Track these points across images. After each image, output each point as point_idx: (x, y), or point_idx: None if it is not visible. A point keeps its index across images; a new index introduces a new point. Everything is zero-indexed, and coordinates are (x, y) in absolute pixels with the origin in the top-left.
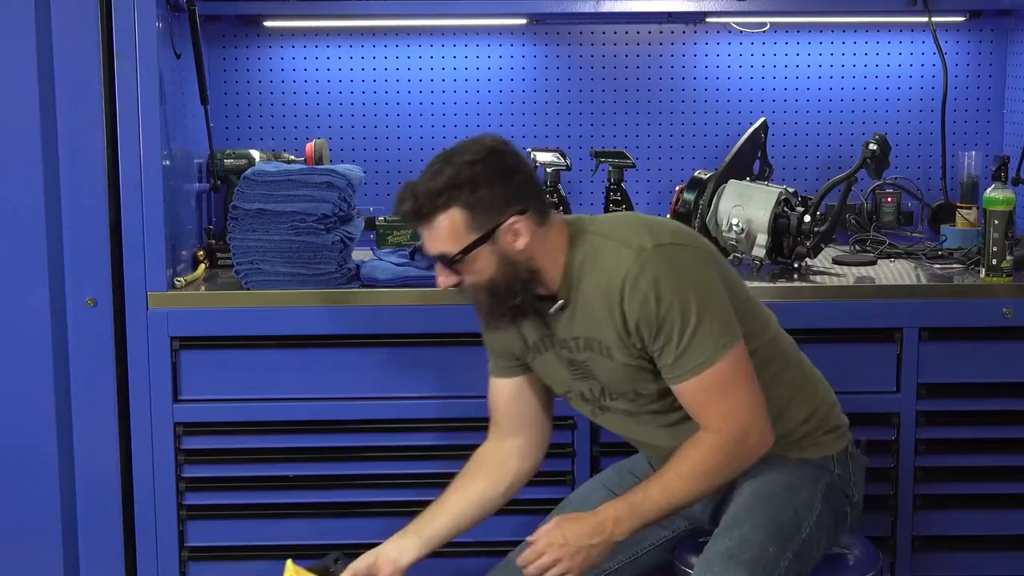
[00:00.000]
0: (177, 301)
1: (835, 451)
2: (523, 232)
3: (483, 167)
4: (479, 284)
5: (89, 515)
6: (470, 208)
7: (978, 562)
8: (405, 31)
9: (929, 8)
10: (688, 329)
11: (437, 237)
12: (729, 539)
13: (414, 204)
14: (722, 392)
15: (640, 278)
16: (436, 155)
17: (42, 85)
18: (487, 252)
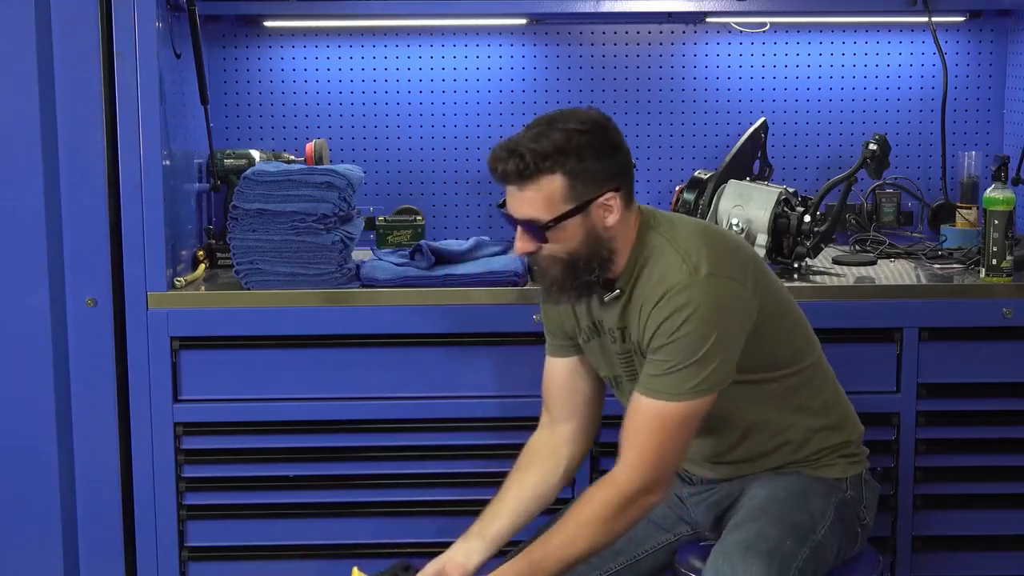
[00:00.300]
0: (177, 301)
1: (850, 474)
2: (615, 210)
3: (590, 138)
4: (558, 255)
5: (89, 515)
6: (573, 177)
7: (978, 562)
8: (405, 31)
9: (929, 8)
10: (687, 360)
11: (531, 200)
12: (746, 531)
13: (518, 164)
14: (660, 432)
15: (680, 297)
16: (538, 118)
17: (42, 85)
18: (577, 224)
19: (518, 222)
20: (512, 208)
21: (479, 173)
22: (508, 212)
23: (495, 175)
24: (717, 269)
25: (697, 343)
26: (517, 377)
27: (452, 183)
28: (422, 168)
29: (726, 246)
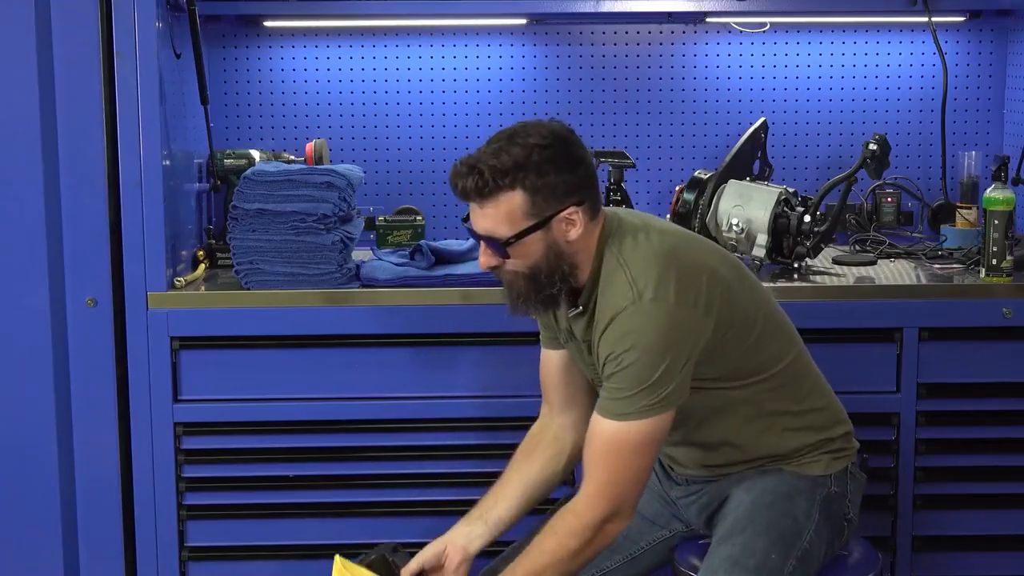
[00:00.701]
0: (177, 301)
1: (834, 470)
2: (577, 224)
3: (552, 152)
4: (520, 270)
5: (89, 515)
6: (533, 192)
7: (978, 562)
8: (405, 31)
9: (929, 8)
10: (639, 386)
11: (492, 217)
12: (732, 546)
13: (477, 181)
14: (623, 454)
15: (624, 323)
16: (499, 132)
17: (42, 85)
18: (538, 239)
19: (480, 237)
20: (474, 223)
21: None
22: (470, 227)
23: (456, 191)
24: (661, 293)
25: (646, 370)
26: (517, 377)
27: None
28: (422, 168)
29: (682, 264)
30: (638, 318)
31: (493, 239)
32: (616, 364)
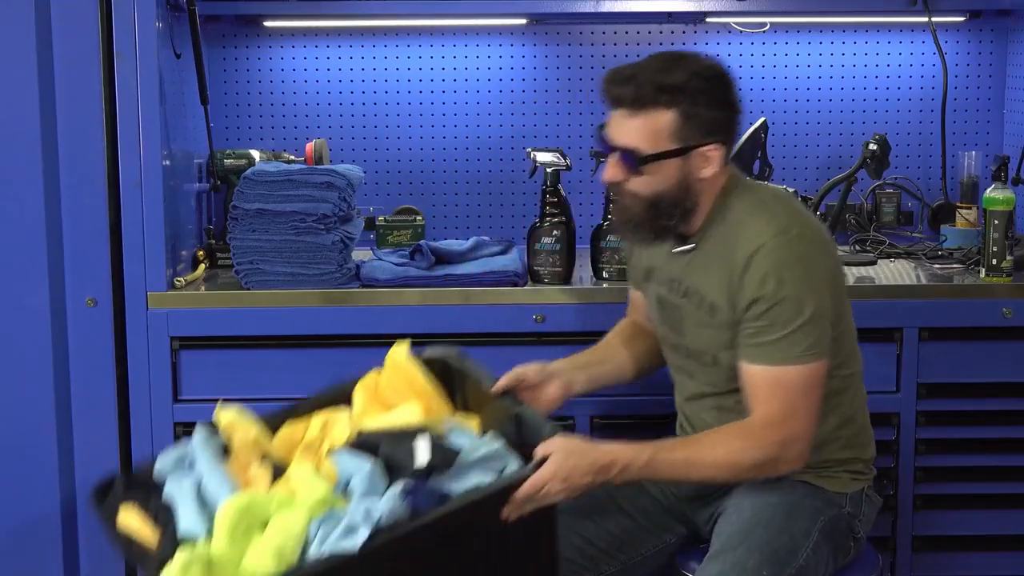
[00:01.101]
0: (177, 301)
1: (851, 490)
2: (713, 163)
3: (711, 85)
4: (643, 193)
5: (89, 515)
6: (684, 118)
7: (978, 562)
8: (405, 31)
9: (929, 8)
10: (792, 323)
11: (637, 130)
12: (723, 563)
13: (635, 90)
14: (789, 394)
15: (770, 257)
16: (663, 52)
17: (42, 85)
18: (674, 165)
19: (615, 148)
20: (613, 133)
21: (479, 173)
22: (607, 136)
23: (607, 96)
24: (803, 229)
25: (798, 306)
26: None
27: (452, 183)
28: (422, 168)
29: (806, 212)
30: (783, 252)
31: (630, 152)
32: (763, 305)
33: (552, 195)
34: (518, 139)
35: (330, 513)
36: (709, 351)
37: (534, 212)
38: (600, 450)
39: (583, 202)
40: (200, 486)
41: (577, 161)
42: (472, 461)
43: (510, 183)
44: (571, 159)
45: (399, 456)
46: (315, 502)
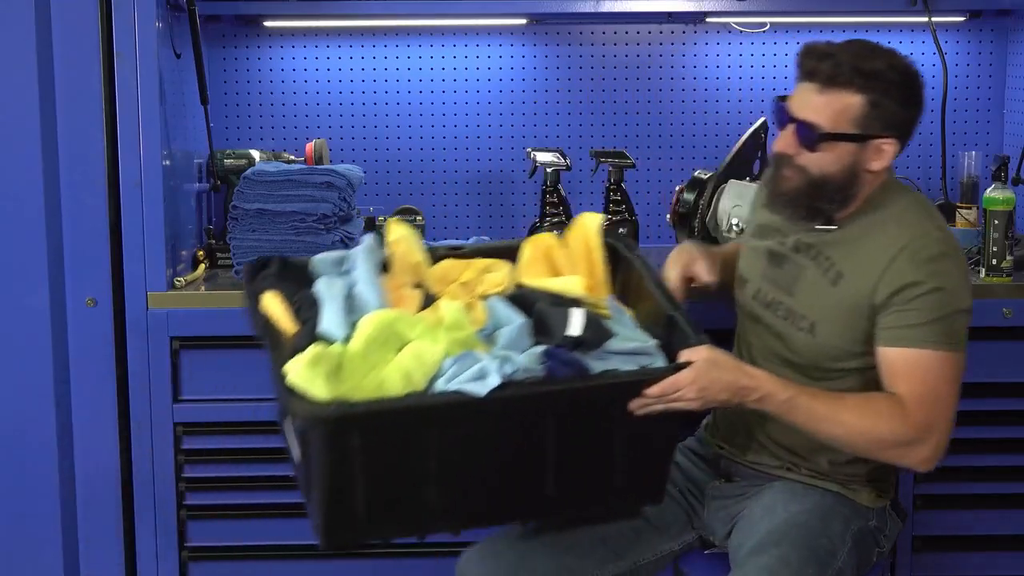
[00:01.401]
0: (177, 301)
1: (877, 505)
2: (884, 158)
3: (904, 81)
4: (811, 170)
5: (89, 515)
6: (872, 106)
7: (978, 562)
8: (405, 31)
9: (929, 8)
10: (944, 311)
11: (823, 107)
12: (769, 556)
13: (832, 67)
14: (936, 380)
15: (932, 248)
16: (856, 39)
17: (42, 85)
18: (848, 151)
19: (794, 120)
20: (796, 105)
21: (479, 173)
22: (788, 107)
23: (802, 68)
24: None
25: (949, 301)
26: None
27: (452, 183)
28: (422, 168)
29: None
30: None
31: (809, 126)
32: (918, 289)
33: (552, 195)
34: (518, 139)
35: (468, 353)
36: (811, 316)
37: (534, 212)
38: (745, 371)
39: (583, 202)
40: (351, 292)
41: (577, 161)
42: (621, 349)
43: (510, 183)
44: (571, 159)
45: (553, 319)
46: (456, 339)
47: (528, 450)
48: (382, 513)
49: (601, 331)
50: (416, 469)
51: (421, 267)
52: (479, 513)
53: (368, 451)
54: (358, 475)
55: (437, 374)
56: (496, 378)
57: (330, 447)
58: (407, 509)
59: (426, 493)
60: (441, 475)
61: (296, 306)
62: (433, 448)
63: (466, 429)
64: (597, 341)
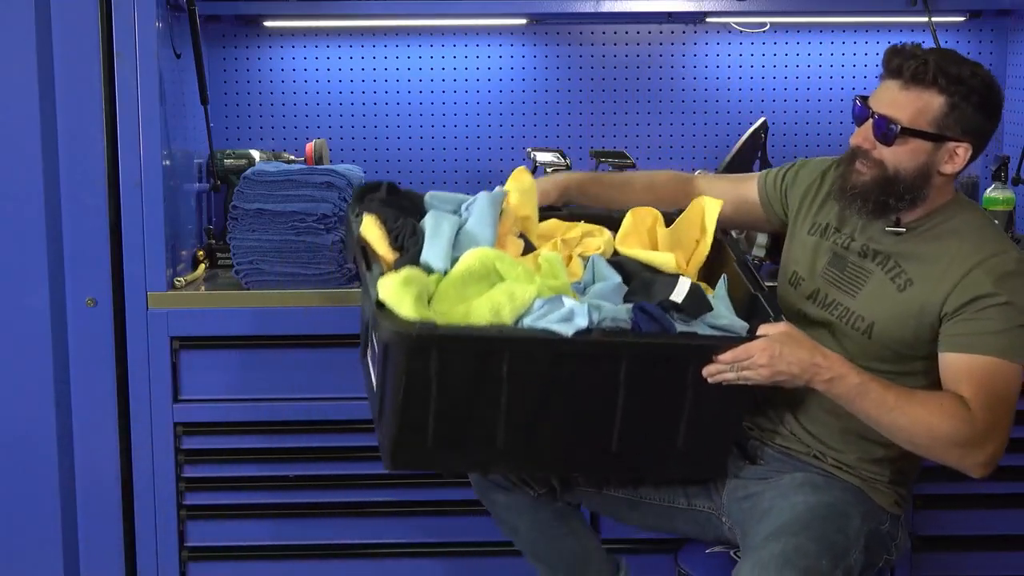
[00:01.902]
0: (177, 301)
1: (892, 511)
2: (958, 162)
3: (985, 89)
4: (885, 164)
5: (89, 515)
6: (951, 108)
7: (978, 562)
8: (405, 31)
9: (929, 8)
10: (1014, 323)
11: (904, 102)
12: (785, 543)
13: (920, 67)
14: (999, 388)
15: (1008, 266)
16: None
17: (42, 85)
18: (923, 149)
19: (873, 114)
20: (877, 101)
21: (479, 173)
22: (868, 103)
23: (888, 64)
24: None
25: (1018, 313)
26: None
27: (452, 183)
28: (422, 168)
29: None
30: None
31: (889, 120)
32: (993, 300)
33: None
34: (518, 139)
35: (558, 297)
36: (870, 318)
37: None
38: (820, 350)
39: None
40: (460, 231)
41: (577, 161)
42: (713, 323)
43: None
44: (571, 159)
45: (659, 284)
46: (550, 285)
47: (599, 402)
48: (449, 442)
49: (702, 302)
50: (489, 403)
51: (530, 221)
52: (542, 460)
53: (445, 375)
54: (432, 399)
55: (526, 313)
56: (584, 320)
57: (409, 365)
58: (474, 443)
59: (495, 429)
60: (511, 413)
61: (395, 233)
62: (508, 383)
63: (542, 368)
64: (696, 311)
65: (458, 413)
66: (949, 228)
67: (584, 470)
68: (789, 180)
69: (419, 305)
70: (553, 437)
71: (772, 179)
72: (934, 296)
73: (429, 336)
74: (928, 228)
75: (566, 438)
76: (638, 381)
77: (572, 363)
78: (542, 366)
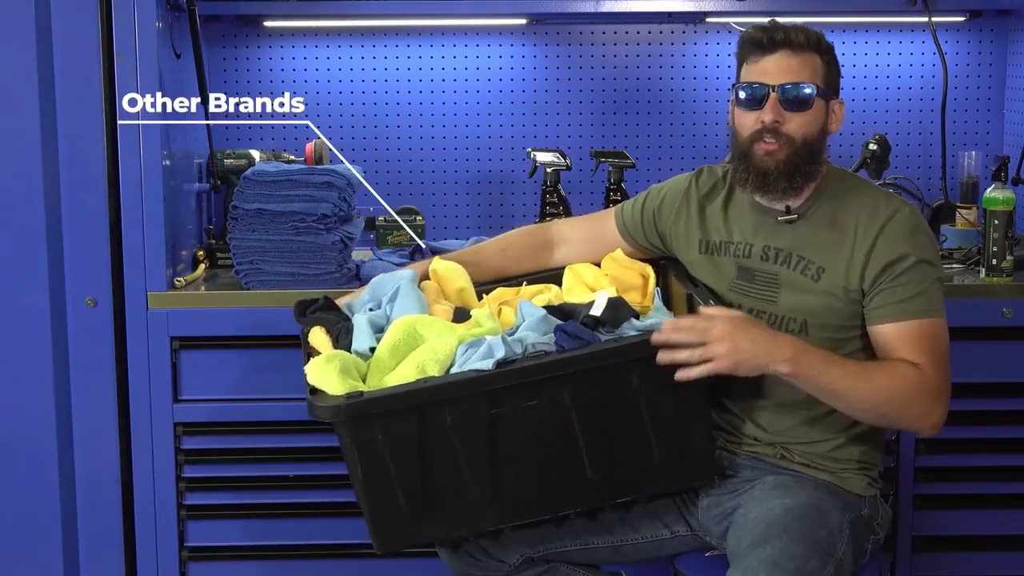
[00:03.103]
0: (177, 301)
1: (869, 494)
2: (839, 119)
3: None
4: (796, 136)
5: (89, 515)
6: (827, 67)
7: (978, 562)
8: (405, 31)
9: (929, 8)
10: (928, 281)
11: (801, 67)
12: (772, 548)
13: (803, 35)
14: (936, 346)
15: (906, 223)
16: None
17: (42, 85)
18: (820, 110)
19: (775, 88)
20: (773, 74)
21: (479, 173)
22: (761, 80)
23: (770, 38)
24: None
25: (931, 266)
26: None
27: (452, 183)
28: (422, 168)
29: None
30: (916, 219)
31: (800, 84)
32: (905, 263)
33: (552, 195)
34: (518, 139)
35: (479, 340)
36: (802, 318)
37: (534, 212)
38: (776, 333)
39: (583, 202)
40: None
41: (577, 161)
42: (640, 327)
43: (510, 183)
44: (571, 159)
45: (581, 309)
46: (473, 332)
47: (556, 430)
48: (425, 510)
49: (622, 309)
50: (445, 457)
51: (466, 292)
52: (523, 504)
53: (393, 441)
54: (389, 467)
55: (451, 364)
56: (501, 351)
57: (355, 438)
58: (448, 504)
59: (464, 485)
60: (473, 464)
61: (335, 334)
62: (455, 433)
63: (482, 409)
64: (616, 320)
65: (421, 476)
66: (833, 203)
67: (569, 506)
68: (653, 209)
69: (344, 377)
70: (526, 480)
71: (630, 212)
72: (851, 275)
73: (360, 405)
74: (817, 209)
75: (539, 477)
76: (583, 400)
77: (511, 396)
78: (482, 408)
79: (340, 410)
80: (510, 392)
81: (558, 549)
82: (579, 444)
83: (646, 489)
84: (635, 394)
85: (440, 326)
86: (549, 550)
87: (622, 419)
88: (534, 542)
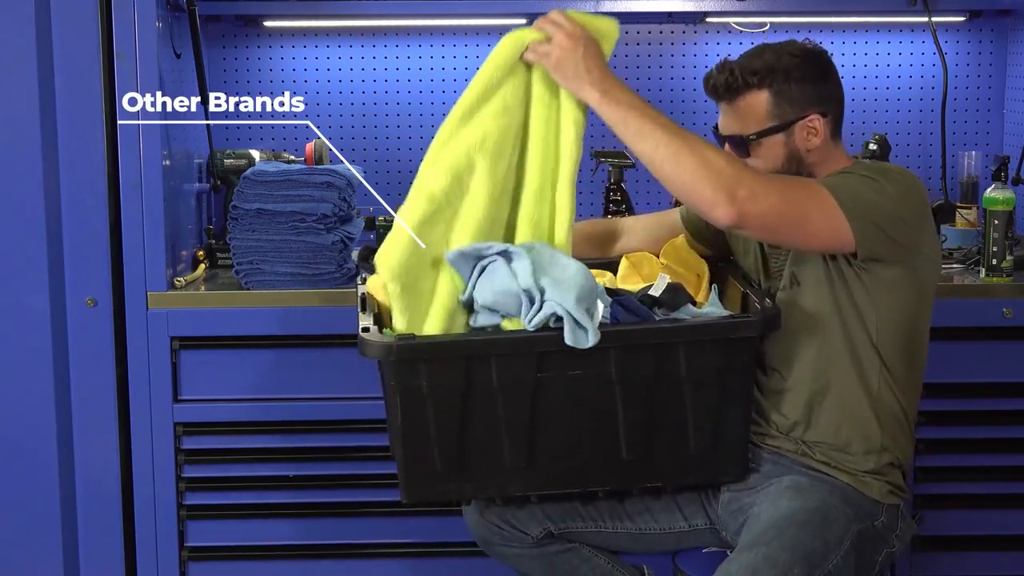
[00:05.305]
0: (177, 301)
1: (888, 502)
2: (819, 133)
3: (800, 61)
4: (766, 169)
5: (89, 515)
6: (778, 95)
7: (978, 562)
8: (405, 31)
9: (929, 8)
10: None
11: (738, 115)
12: (755, 555)
13: (728, 78)
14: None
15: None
16: (759, 45)
17: (42, 85)
18: (779, 142)
19: (724, 139)
20: (721, 126)
21: None
22: (717, 131)
23: (707, 90)
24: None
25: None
26: None
27: None
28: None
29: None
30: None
31: (736, 138)
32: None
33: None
34: None
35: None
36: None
37: None
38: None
39: (583, 202)
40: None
41: None
42: (695, 313)
43: None
44: None
45: (639, 290)
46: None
47: (597, 405)
48: (457, 466)
49: (681, 294)
50: (485, 416)
51: None
52: (554, 475)
53: (435, 391)
54: (429, 420)
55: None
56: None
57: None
58: (481, 464)
59: (499, 447)
60: (510, 425)
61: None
62: (499, 392)
63: (529, 371)
64: (674, 303)
65: (459, 433)
66: None
67: (599, 483)
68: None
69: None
70: (561, 449)
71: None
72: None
73: (409, 347)
74: None
75: (573, 449)
76: (631, 378)
77: (559, 362)
78: (529, 369)
79: (391, 349)
80: (559, 358)
81: (580, 529)
82: (618, 422)
83: (677, 478)
84: (681, 380)
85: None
86: (571, 528)
87: (664, 403)
88: (557, 518)
